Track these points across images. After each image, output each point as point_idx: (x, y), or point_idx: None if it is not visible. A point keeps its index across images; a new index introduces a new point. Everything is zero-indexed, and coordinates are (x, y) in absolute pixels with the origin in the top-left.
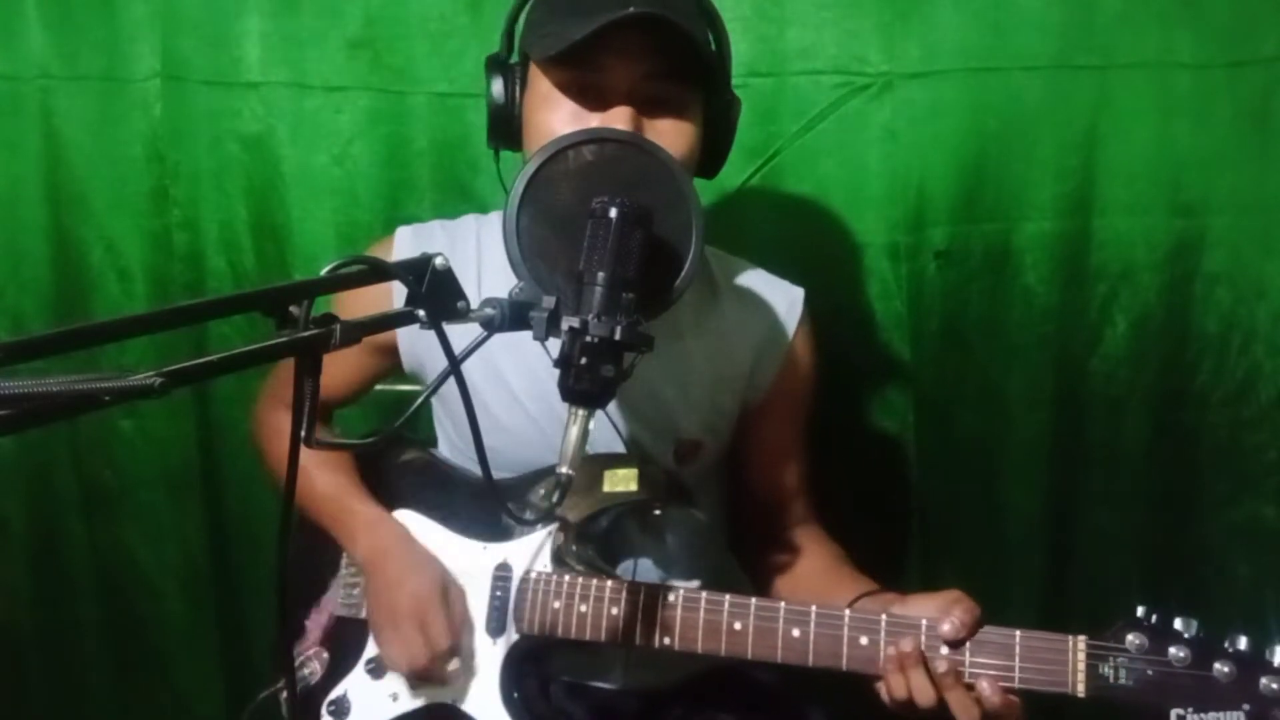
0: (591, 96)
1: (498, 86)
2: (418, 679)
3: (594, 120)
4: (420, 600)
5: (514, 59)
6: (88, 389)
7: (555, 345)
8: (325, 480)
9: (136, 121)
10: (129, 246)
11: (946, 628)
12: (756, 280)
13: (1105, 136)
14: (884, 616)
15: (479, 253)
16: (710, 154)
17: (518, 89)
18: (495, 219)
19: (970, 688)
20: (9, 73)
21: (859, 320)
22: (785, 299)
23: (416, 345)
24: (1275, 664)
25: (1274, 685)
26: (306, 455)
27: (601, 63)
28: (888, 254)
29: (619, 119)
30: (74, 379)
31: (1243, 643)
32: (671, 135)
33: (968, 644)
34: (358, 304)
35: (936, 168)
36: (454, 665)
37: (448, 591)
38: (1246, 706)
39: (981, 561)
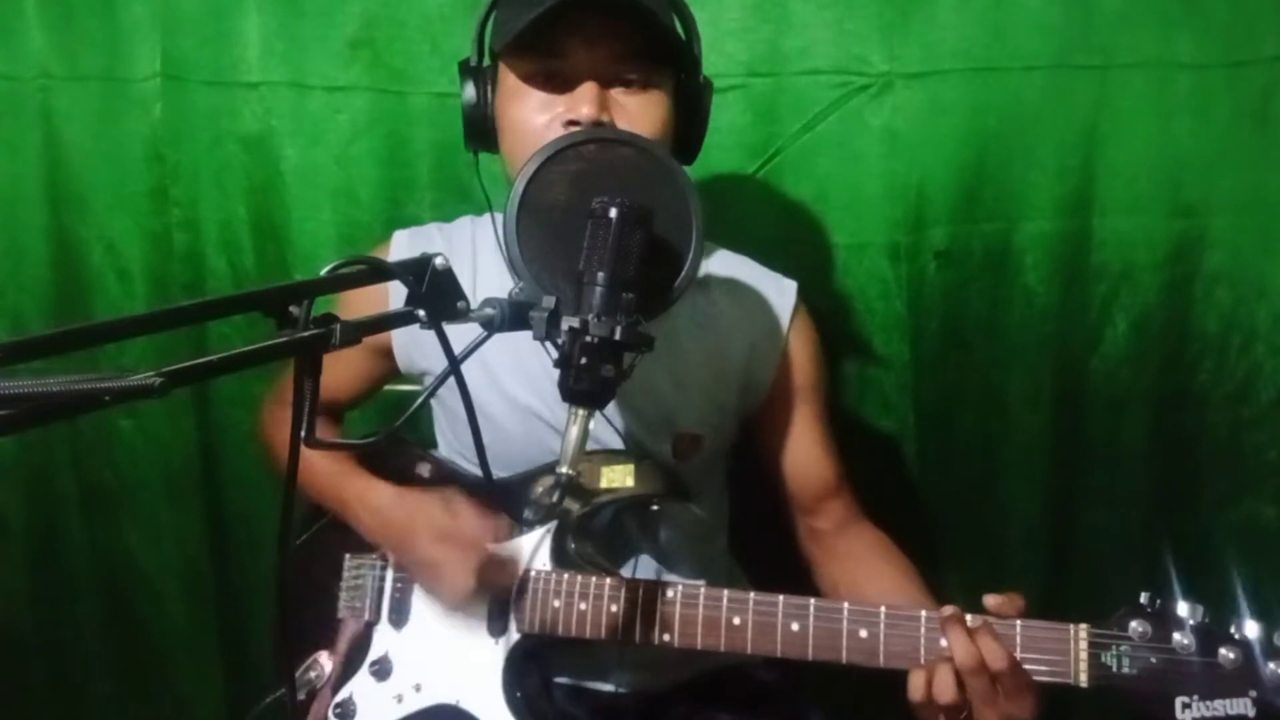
0: (557, 83)
1: (469, 89)
2: (486, 589)
3: (561, 105)
4: (435, 527)
5: (486, 63)
6: (88, 389)
7: (554, 346)
8: (318, 463)
9: (136, 121)
10: (129, 246)
11: (992, 600)
12: (746, 271)
13: (1105, 136)
14: (883, 609)
15: (474, 254)
16: (684, 138)
17: (489, 89)
18: (490, 220)
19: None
20: (9, 73)
21: (859, 320)
22: (777, 290)
23: (411, 347)
24: None
25: None
26: (306, 449)
27: (564, 49)
28: (888, 254)
29: (585, 97)
30: (74, 379)
31: (1249, 628)
32: (639, 113)
33: None
34: (356, 307)
35: (936, 168)
36: (501, 560)
37: (450, 504)
38: (1253, 693)
39: (981, 561)
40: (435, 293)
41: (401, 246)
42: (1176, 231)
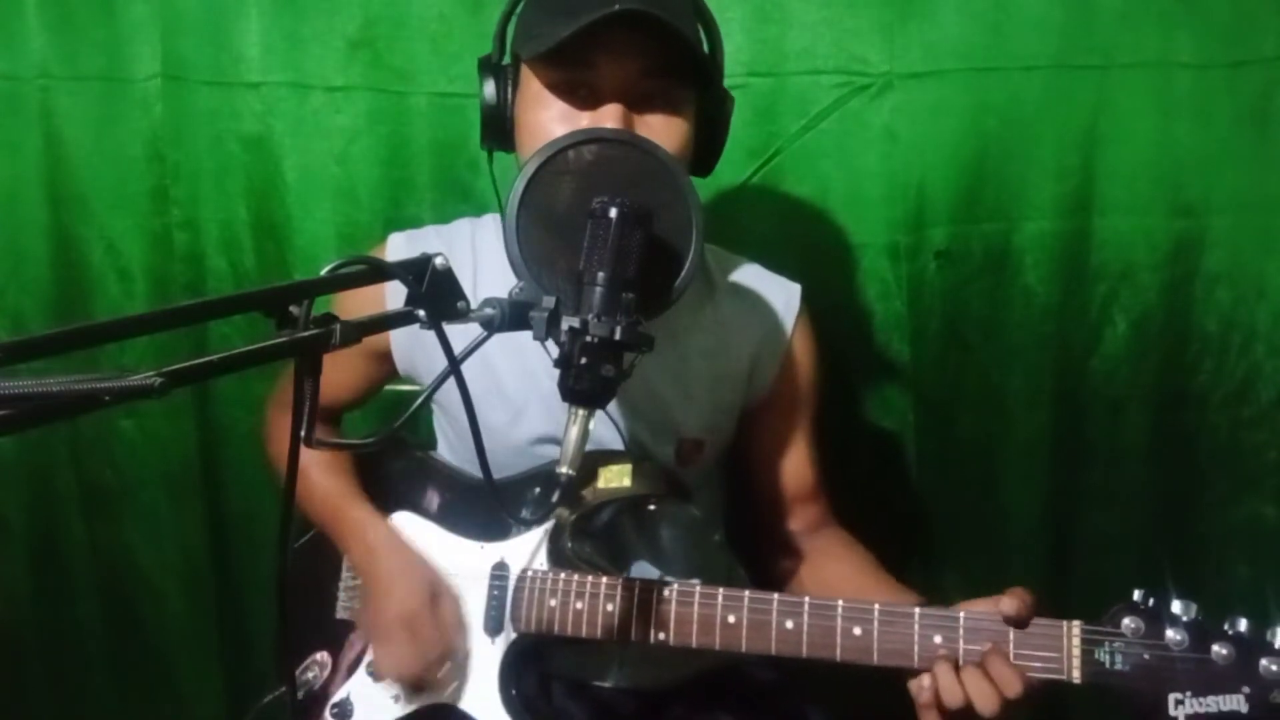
0: (582, 95)
1: (489, 88)
2: (410, 686)
3: (585, 119)
4: (409, 607)
5: (506, 61)
6: (88, 389)
7: (555, 346)
8: (321, 483)
9: (136, 121)
10: (129, 246)
11: (1008, 602)
12: (753, 276)
13: (1105, 136)
14: (877, 606)
15: (474, 256)
16: (704, 152)
17: (509, 90)
18: (489, 221)
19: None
20: (9, 73)
21: (859, 320)
22: (782, 294)
23: (411, 349)
24: (1276, 645)
25: (1274, 667)
26: (306, 458)
27: (592, 61)
28: (888, 254)
29: (610, 116)
30: (74, 379)
31: (1242, 624)
32: (663, 131)
33: (961, 631)
34: (353, 312)
35: (936, 168)
36: (445, 670)
37: (438, 595)
38: (1246, 689)
39: (981, 561)
40: (435, 292)
41: (398, 249)
42: (1176, 231)
